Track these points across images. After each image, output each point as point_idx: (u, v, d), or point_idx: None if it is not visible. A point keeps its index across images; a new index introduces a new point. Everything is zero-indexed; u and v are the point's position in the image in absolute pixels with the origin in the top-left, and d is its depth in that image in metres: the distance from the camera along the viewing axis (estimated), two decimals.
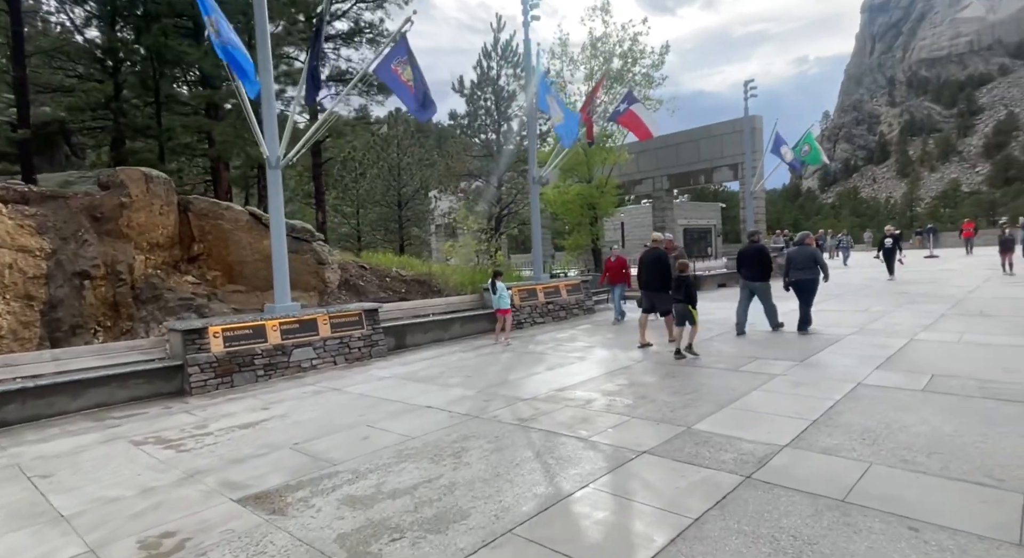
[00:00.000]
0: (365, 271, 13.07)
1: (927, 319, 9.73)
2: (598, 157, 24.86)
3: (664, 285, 8.59)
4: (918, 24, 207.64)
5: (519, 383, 7.03)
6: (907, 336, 8.34)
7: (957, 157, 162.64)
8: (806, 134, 19.81)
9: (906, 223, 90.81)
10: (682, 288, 7.82)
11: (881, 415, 4.87)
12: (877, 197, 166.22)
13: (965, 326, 8.85)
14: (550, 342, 10.20)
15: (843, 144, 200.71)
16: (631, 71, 24.77)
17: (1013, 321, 9.05)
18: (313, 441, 5.11)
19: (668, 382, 6.54)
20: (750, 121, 23.34)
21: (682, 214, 45.36)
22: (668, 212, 29.53)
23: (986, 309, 10.44)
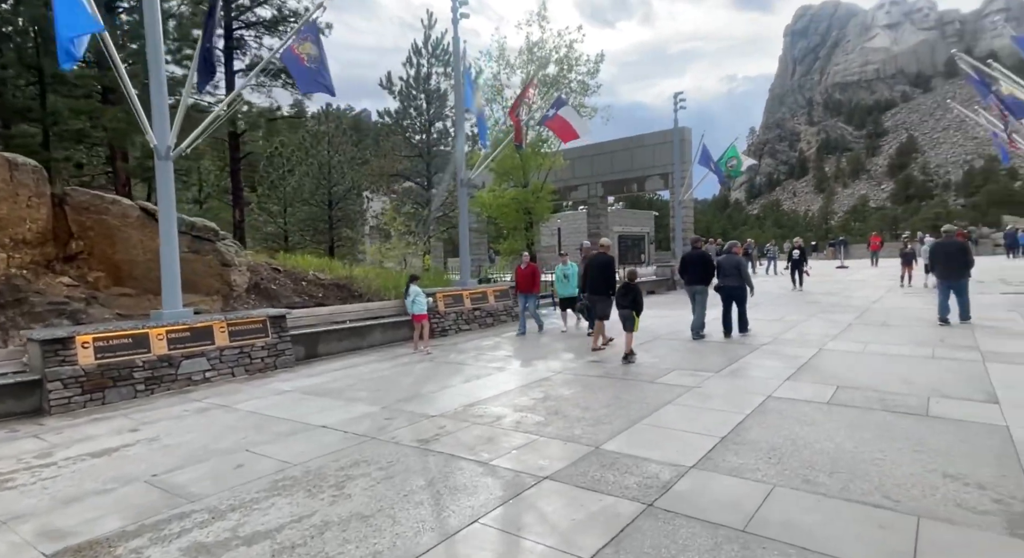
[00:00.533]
0: (279, 274, 12.19)
1: (836, 329, 10.09)
2: (534, 162, 24.77)
3: (609, 290, 8.72)
4: (833, 50, 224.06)
5: (430, 397, 6.59)
6: (817, 346, 8.56)
7: (866, 175, 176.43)
8: (731, 147, 20.54)
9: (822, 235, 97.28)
10: (630, 295, 8.03)
11: (788, 431, 4.80)
12: (797, 209, 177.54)
13: (869, 336, 9.21)
14: (472, 351, 9.80)
15: (767, 159, 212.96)
16: (567, 78, 24.88)
17: (911, 331, 9.51)
18: (176, 471, 4.45)
19: (584, 395, 6.30)
20: (679, 132, 23.99)
21: (617, 221, 46.30)
22: (603, 218, 29.92)
23: (888, 319, 10.98)
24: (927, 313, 11.49)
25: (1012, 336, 8.68)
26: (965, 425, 4.73)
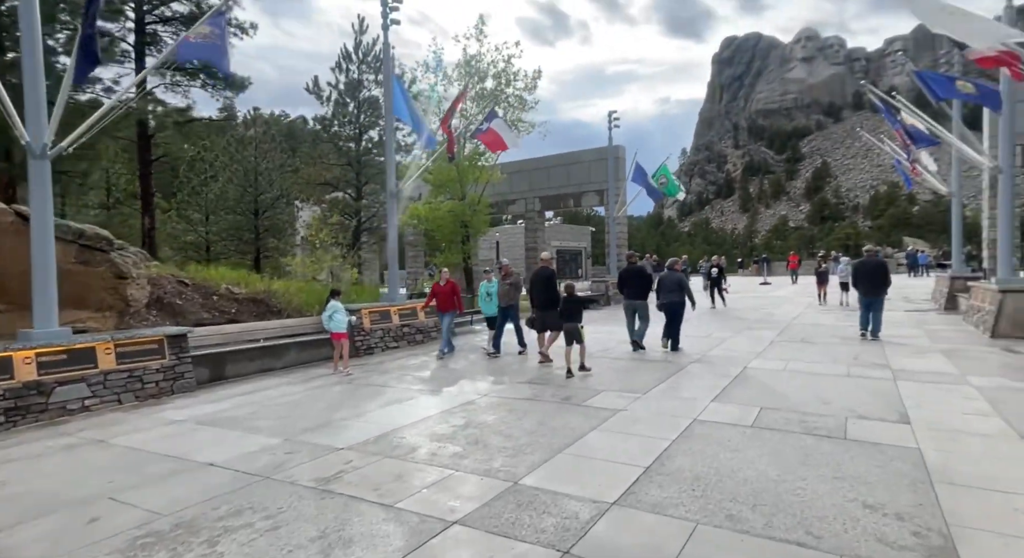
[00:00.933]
0: (186, 287, 11.17)
1: (760, 345, 10.30)
2: (471, 175, 24.52)
3: (555, 303, 8.75)
4: (756, 79, 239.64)
5: (341, 425, 6.03)
6: (742, 363, 8.64)
7: (786, 197, 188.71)
8: (662, 167, 21.11)
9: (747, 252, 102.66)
10: (575, 309, 8.26)
11: (712, 458, 4.64)
12: (725, 227, 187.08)
13: (791, 353, 9.43)
14: (397, 371, 9.26)
15: (697, 179, 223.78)
16: (504, 92, 24.90)
17: (828, 348, 9.84)
18: (11, 530, 3.71)
19: (508, 421, 5.95)
20: (614, 150, 24.46)
21: (555, 236, 46.77)
22: (540, 233, 30.00)
23: (807, 336, 11.37)
24: (842, 330, 12.01)
25: (918, 353, 9.12)
26: (881, 449, 4.74)
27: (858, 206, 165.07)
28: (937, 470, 4.25)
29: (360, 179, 22.14)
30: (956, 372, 7.59)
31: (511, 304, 10.24)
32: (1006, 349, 9.26)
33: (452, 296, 10.57)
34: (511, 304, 10.24)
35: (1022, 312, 10.21)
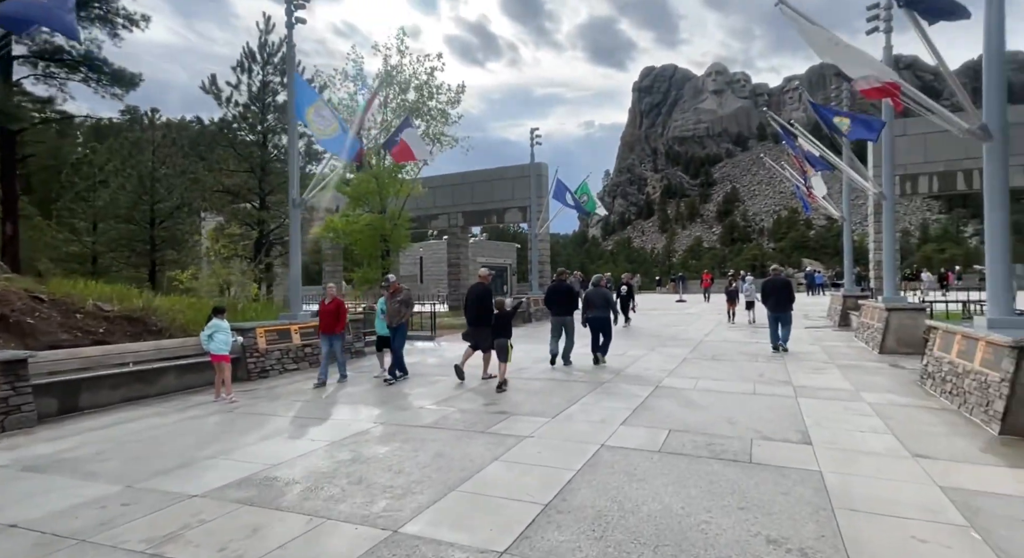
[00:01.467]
0: (40, 304, 9.68)
1: (672, 363, 10.31)
2: (392, 188, 23.77)
3: (488, 320, 8.78)
4: (673, 108, 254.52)
5: (206, 465, 5.18)
6: (654, 382, 8.53)
7: (700, 219, 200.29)
8: (582, 185, 21.39)
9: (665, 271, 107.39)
10: (504, 325, 8.50)
11: (616, 490, 4.30)
12: (645, 247, 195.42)
13: (701, 371, 9.46)
14: (290, 397, 8.37)
15: (620, 200, 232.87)
16: (427, 105, 24.47)
17: (735, 365, 9.99)
18: None
19: (401, 454, 5.35)
20: (536, 167, 24.58)
21: (480, 252, 46.48)
22: (463, 249, 29.53)
23: (717, 353, 11.57)
24: (749, 346, 12.36)
25: (817, 369, 9.43)
26: (785, 473, 4.60)
27: (763, 229, 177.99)
28: (838, 495, 4.12)
29: (264, 187, 20.68)
30: (851, 388, 7.83)
31: (400, 324, 9.24)
32: (893, 365, 9.81)
33: (337, 316, 9.35)
34: (400, 324, 9.24)
35: (905, 329, 10.93)
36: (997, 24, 6.46)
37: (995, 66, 6.51)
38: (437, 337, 15.90)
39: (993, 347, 5.87)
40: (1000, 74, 6.54)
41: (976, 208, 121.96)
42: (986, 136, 6.53)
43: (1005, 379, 5.48)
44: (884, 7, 11.41)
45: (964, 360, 6.64)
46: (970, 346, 6.57)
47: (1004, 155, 6.53)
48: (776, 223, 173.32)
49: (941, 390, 7.14)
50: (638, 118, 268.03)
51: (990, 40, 6.48)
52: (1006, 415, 5.42)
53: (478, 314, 8.84)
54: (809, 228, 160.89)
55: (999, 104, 6.53)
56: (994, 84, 6.53)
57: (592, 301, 10.31)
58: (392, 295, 9.31)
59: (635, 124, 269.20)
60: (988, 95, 6.54)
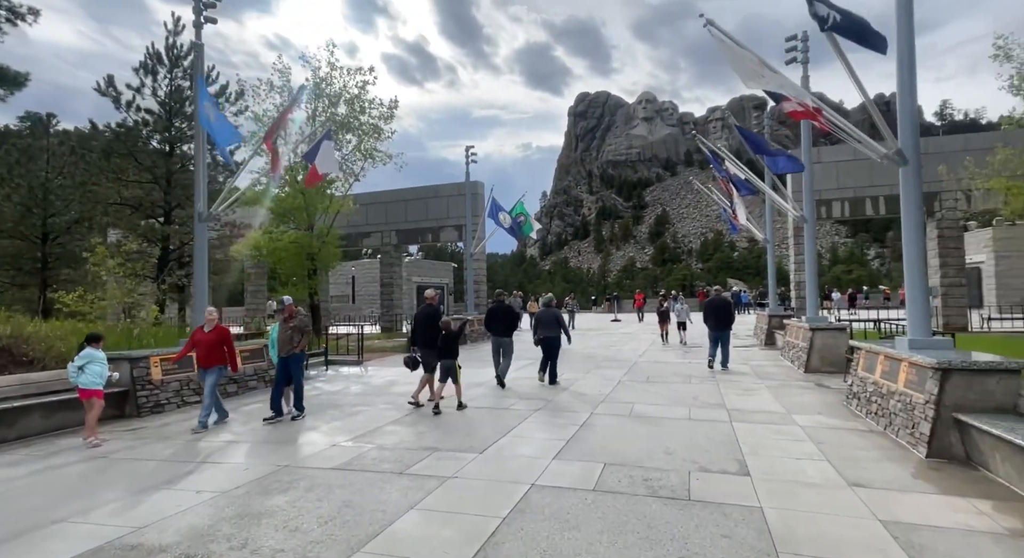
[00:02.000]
0: None
1: (607, 387, 10.03)
2: (320, 204, 22.71)
3: (435, 342, 8.59)
4: (607, 132, 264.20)
5: (50, 532, 4.24)
6: (589, 408, 8.17)
7: (633, 240, 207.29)
8: (518, 204, 21.21)
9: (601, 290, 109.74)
10: (451, 346, 8.44)
11: (547, 541, 3.80)
12: (582, 267, 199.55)
13: (636, 395, 9.21)
14: (182, 437, 7.33)
15: (557, 221, 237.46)
16: (359, 120, 23.70)
17: (670, 388, 9.83)
18: None
19: (300, 505, 4.62)
20: (472, 186, 24.22)
21: (415, 271, 45.46)
22: (396, 268, 28.59)
23: (651, 374, 11.43)
24: (683, 367, 12.33)
25: (748, 391, 9.42)
26: (726, 511, 4.27)
27: (692, 250, 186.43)
28: (781, 536, 3.82)
29: (169, 200, 19.04)
30: (783, 410, 7.78)
31: (292, 353, 8.23)
32: (818, 384, 9.98)
33: (220, 347, 7.93)
34: (292, 353, 8.23)
35: (828, 348, 11.23)
36: (908, 56, 6.70)
37: (908, 95, 6.73)
38: (365, 362, 14.98)
39: (917, 368, 5.91)
40: (913, 103, 6.77)
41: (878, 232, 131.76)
42: (902, 161, 6.71)
43: (930, 401, 5.48)
44: (802, 39, 11.96)
45: (888, 381, 6.70)
46: (893, 367, 6.64)
47: (918, 179, 6.73)
48: (703, 245, 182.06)
49: (867, 410, 7.19)
50: (574, 141, 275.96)
51: (902, 71, 6.70)
52: (932, 438, 5.40)
53: (429, 335, 8.60)
54: (733, 250, 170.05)
55: (912, 131, 6.74)
56: (907, 112, 6.75)
57: (543, 321, 10.43)
58: (286, 321, 8.32)
59: (571, 147, 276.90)
60: (902, 122, 6.75)
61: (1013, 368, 5.16)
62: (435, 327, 8.61)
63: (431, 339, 8.59)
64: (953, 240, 19.65)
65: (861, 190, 20.21)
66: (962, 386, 5.33)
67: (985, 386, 5.27)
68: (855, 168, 20.06)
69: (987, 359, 5.28)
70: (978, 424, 4.95)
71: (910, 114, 6.74)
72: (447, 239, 27.38)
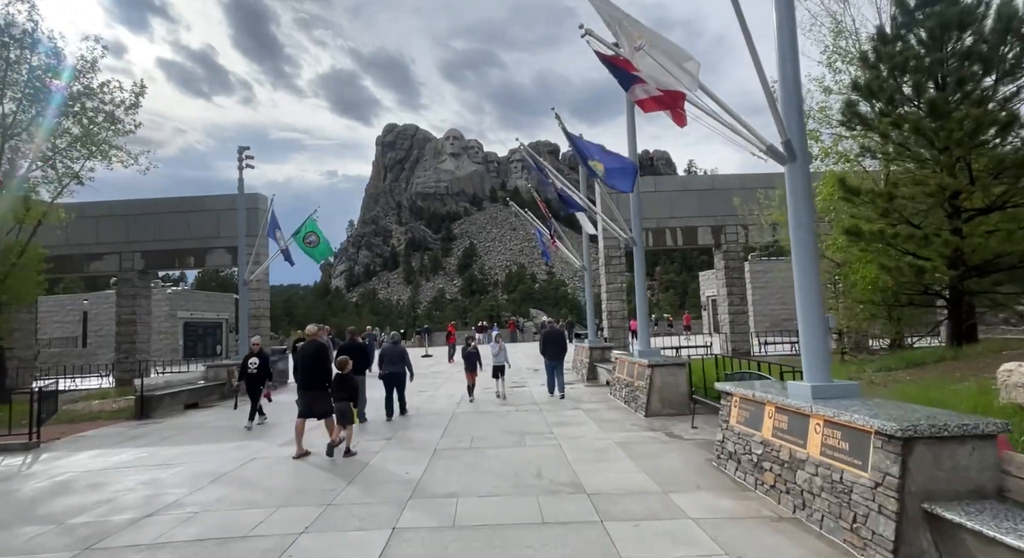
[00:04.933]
0: None
1: (420, 460, 7.13)
2: (9, 210, 16.18)
3: (326, 383, 7.86)
4: (415, 165, 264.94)
5: None
6: (395, 512, 5.19)
7: (443, 271, 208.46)
8: (308, 222, 17.39)
9: (411, 322, 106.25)
10: (346, 386, 7.81)
11: None
12: (391, 298, 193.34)
13: (460, 476, 6.48)
14: None
15: (364, 251, 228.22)
16: (84, 104, 17.64)
17: (502, 456, 7.29)
18: None
19: None
20: (251, 199, 19.63)
21: (184, 305, 37.15)
22: (142, 300, 21.91)
23: (476, 436, 8.83)
24: (510, 419, 10.03)
25: (599, 454, 7.37)
26: None
27: (498, 282, 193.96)
28: None
29: None
30: (656, 489, 5.76)
31: None
32: (669, 434, 8.44)
33: None
34: None
35: (669, 388, 9.96)
36: (790, 45, 5.42)
37: (793, 85, 5.42)
38: (49, 441, 9.80)
39: (853, 435, 4.24)
40: (799, 93, 5.48)
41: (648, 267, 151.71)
42: (789, 155, 5.31)
43: (889, 487, 3.77)
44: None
45: (789, 444, 5.07)
46: (795, 425, 5.03)
47: (807, 175, 5.39)
48: (508, 277, 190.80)
49: (758, 481, 5.51)
50: (382, 171, 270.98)
51: (784, 62, 5.40)
52: (898, 545, 3.66)
53: (314, 376, 7.84)
54: (535, 282, 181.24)
55: (799, 122, 5.42)
56: (793, 101, 5.42)
57: (388, 356, 10.71)
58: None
59: (379, 177, 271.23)
60: (787, 113, 5.39)
61: (990, 432, 3.69)
62: (321, 367, 7.85)
63: (317, 379, 7.82)
64: (736, 271, 21.31)
65: (663, 221, 20.92)
66: (929, 463, 3.72)
67: (957, 460, 3.73)
68: (657, 200, 20.72)
69: (957, 420, 3.77)
70: (971, 524, 3.29)
71: (796, 103, 5.43)
72: (216, 263, 21.84)
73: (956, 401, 6.59)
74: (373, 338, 21.69)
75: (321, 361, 7.85)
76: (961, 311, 12.53)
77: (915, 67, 11.54)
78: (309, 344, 8.12)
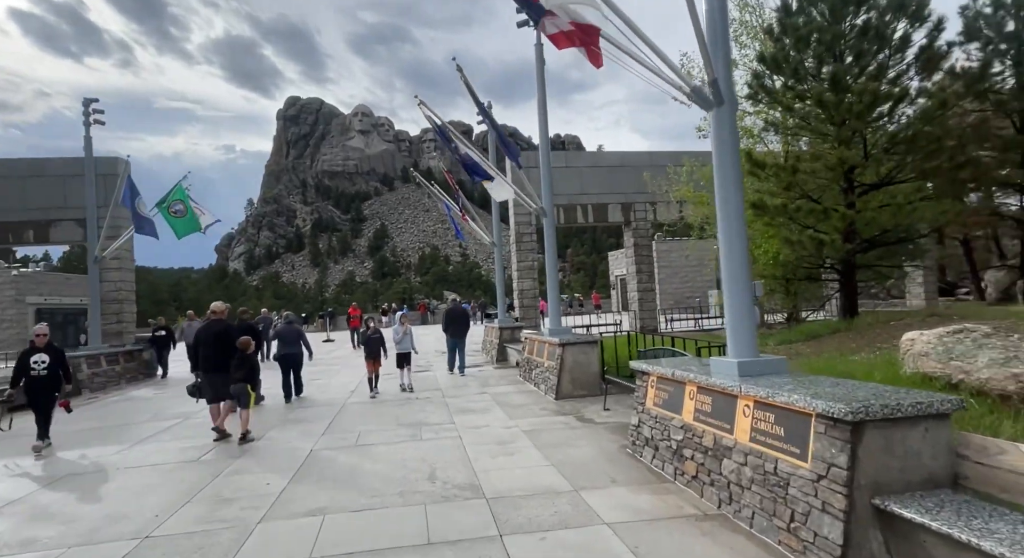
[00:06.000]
0: None
1: (290, 465, 5.88)
2: None
3: (227, 365, 7.39)
4: (321, 141, 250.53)
5: None
6: (229, 545, 3.98)
7: (352, 253, 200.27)
8: (177, 189, 14.99)
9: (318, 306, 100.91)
10: (244, 367, 7.36)
11: None
12: (296, 282, 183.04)
13: (335, 484, 5.34)
14: None
15: (266, 232, 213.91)
16: None
17: (391, 454, 6.21)
18: None
19: None
20: (109, 163, 16.72)
21: (35, 288, 32.16)
22: None
23: (365, 430, 7.66)
24: (409, 409, 8.93)
25: (503, 445, 6.50)
26: None
27: (410, 264, 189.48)
28: None
29: None
30: (566, 486, 4.97)
31: None
32: (580, 419, 7.76)
33: None
34: None
35: (580, 367, 9.32)
36: None
37: (720, 22, 4.69)
38: None
39: (789, 418, 3.61)
40: (726, 33, 4.77)
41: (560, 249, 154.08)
42: (716, 98, 4.60)
43: (836, 481, 3.15)
44: None
45: (714, 429, 4.44)
46: (721, 406, 4.40)
47: (734, 122, 4.72)
48: (421, 259, 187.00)
49: (677, 471, 4.88)
50: (285, 147, 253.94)
51: None
52: (846, 549, 3.05)
53: (219, 358, 7.37)
54: (448, 263, 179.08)
55: (726, 64, 4.71)
56: (720, 40, 4.70)
57: (285, 337, 10.49)
58: None
59: (282, 153, 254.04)
60: (714, 54, 4.65)
61: (944, 410, 3.16)
62: (226, 348, 7.45)
63: (221, 363, 7.41)
64: (645, 248, 21.37)
65: (574, 198, 20.45)
66: (880, 450, 3.13)
67: (908, 445, 3.17)
68: (568, 175, 20.18)
69: (910, 398, 3.20)
70: (936, 525, 2.71)
71: (724, 45, 4.71)
72: (65, 238, 18.52)
73: (865, 372, 6.39)
74: (269, 322, 19.54)
75: (229, 341, 7.46)
76: (853, 284, 13.01)
77: (818, 40, 11.57)
78: (215, 323, 7.69)
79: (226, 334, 7.55)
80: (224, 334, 7.54)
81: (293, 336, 10.50)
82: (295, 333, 10.58)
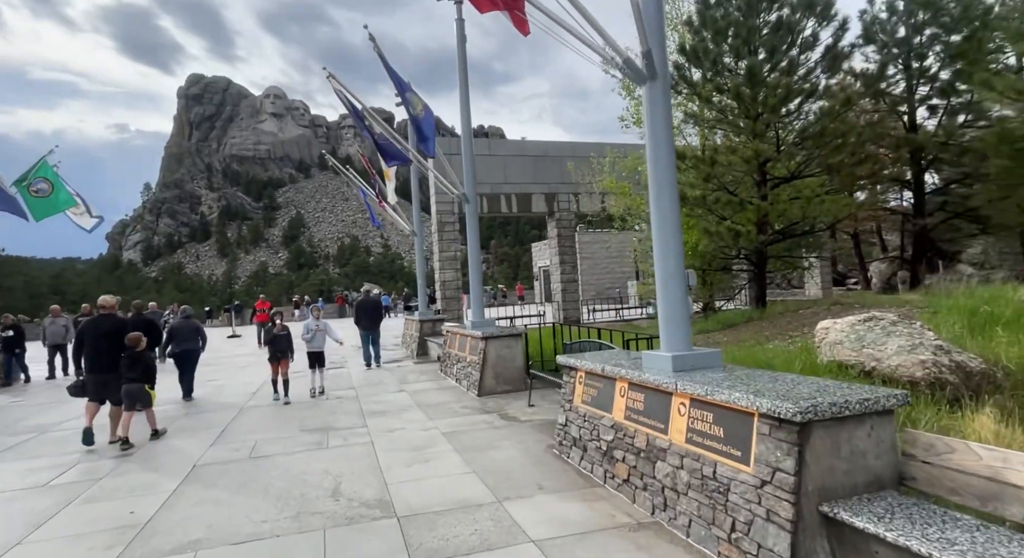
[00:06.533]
0: None
1: (153, 499, 4.97)
2: None
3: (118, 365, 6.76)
4: (229, 123, 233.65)
5: None
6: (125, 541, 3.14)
7: (265, 243, 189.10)
8: (40, 166, 12.95)
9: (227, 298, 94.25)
10: (138, 366, 6.76)
11: None
12: (201, 273, 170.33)
13: (206, 527, 4.54)
14: None
15: (166, 219, 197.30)
16: None
17: (290, 464, 5.46)
18: None
19: None
20: None
21: None
22: None
23: (263, 438, 6.78)
24: (315, 411, 8.09)
25: (419, 452, 5.92)
26: None
27: (329, 255, 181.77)
28: None
29: None
30: (489, 497, 4.48)
31: None
32: (504, 417, 7.32)
33: None
34: None
35: (503, 362, 8.87)
36: None
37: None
38: None
39: (729, 418, 3.32)
40: (660, 3, 4.40)
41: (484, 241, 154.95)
42: (649, 72, 4.24)
43: (782, 487, 2.87)
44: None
45: (647, 428, 4.11)
46: (654, 405, 4.08)
47: (667, 98, 4.38)
48: (340, 249, 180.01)
49: (607, 474, 4.53)
50: (187, 128, 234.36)
51: None
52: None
53: (110, 356, 6.77)
54: (369, 254, 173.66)
55: (660, 36, 4.36)
56: (654, 7, 4.33)
57: (181, 333, 9.76)
58: None
59: (184, 134, 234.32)
60: (648, 21, 4.28)
61: (889, 407, 2.96)
62: (116, 346, 6.73)
63: (109, 362, 6.72)
64: (569, 239, 21.35)
65: (497, 187, 20.00)
66: (828, 452, 2.88)
67: (854, 444, 2.94)
68: (492, 163, 19.68)
69: (857, 394, 2.97)
70: (892, 536, 2.47)
71: (657, 14, 4.35)
72: None
73: (785, 362, 6.42)
74: (159, 316, 17.44)
75: (120, 339, 6.82)
76: (764, 274, 13.51)
77: (735, 34, 11.76)
78: (103, 319, 7.04)
79: (117, 331, 6.91)
80: (115, 331, 6.92)
81: (190, 331, 9.85)
82: (192, 328, 9.95)
